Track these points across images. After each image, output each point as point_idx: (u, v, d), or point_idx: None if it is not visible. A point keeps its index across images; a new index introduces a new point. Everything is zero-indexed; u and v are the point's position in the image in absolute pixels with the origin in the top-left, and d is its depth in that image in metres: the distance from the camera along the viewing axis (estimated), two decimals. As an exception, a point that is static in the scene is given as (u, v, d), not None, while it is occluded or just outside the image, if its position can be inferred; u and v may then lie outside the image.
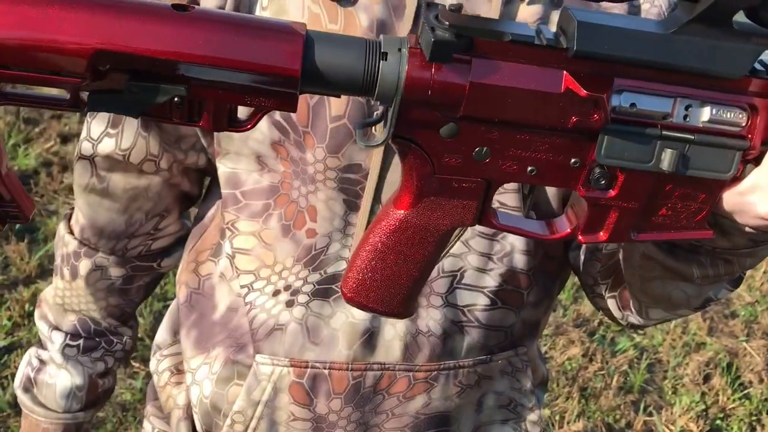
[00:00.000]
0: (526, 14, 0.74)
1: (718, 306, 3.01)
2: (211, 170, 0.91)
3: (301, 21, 0.59)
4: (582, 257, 0.87)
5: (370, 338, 0.82)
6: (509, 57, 0.49)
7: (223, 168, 0.83)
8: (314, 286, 0.81)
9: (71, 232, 0.96)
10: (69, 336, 0.99)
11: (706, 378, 2.63)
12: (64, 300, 0.99)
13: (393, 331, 0.82)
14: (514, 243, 0.82)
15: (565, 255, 0.89)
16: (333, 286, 0.81)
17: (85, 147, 0.88)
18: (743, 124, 0.52)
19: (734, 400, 2.53)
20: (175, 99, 0.48)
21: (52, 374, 1.00)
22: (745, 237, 0.61)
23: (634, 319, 0.83)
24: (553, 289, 0.91)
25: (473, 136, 0.52)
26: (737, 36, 0.49)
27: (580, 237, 0.58)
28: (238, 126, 0.52)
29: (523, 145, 0.53)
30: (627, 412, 2.44)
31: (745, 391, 2.59)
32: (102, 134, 0.87)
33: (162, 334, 0.98)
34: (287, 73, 0.48)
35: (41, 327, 1.01)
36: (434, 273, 0.80)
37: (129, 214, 0.92)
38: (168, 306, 1.51)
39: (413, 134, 0.52)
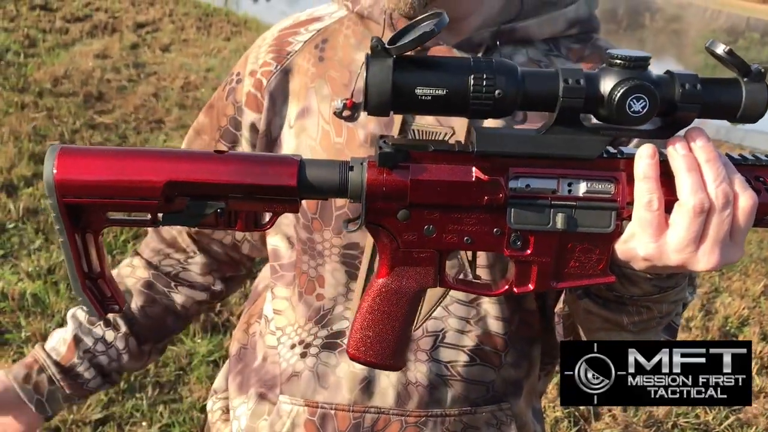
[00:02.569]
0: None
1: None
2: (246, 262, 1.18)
3: (316, 136, 0.93)
4: (558, 327, 1.02)
5: (368, 385, 1.00)
6: (436, 161, 0.71)
7: (270, 244, 1.06)
8: (323, 340, 1.01)
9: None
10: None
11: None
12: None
13: (387, 380, 1.00)
14: (488, 310, 0.99)
15: (540, 323, 1.05)
16: (337, 341, 1.00)
17: None
18: (612, 192, 0.72)
19: None
20: (218, 211, 0.71)
21: None
22: (650, 283, 0.79)
23: None
24: (532, 352, 1.06)
25: (421, 217, 0.73)
26: (590, 131, 0.70)
27: (515, 289, 0.76)
28: (262, 227, 0.75)
29: (457, 221, 0.73)
30: None
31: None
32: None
33: (219, 380, 1.21)
34: (288, 186, 0.71)
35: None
36: (419, 332, 0.99)
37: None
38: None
39: (379, 220, 0.73)
